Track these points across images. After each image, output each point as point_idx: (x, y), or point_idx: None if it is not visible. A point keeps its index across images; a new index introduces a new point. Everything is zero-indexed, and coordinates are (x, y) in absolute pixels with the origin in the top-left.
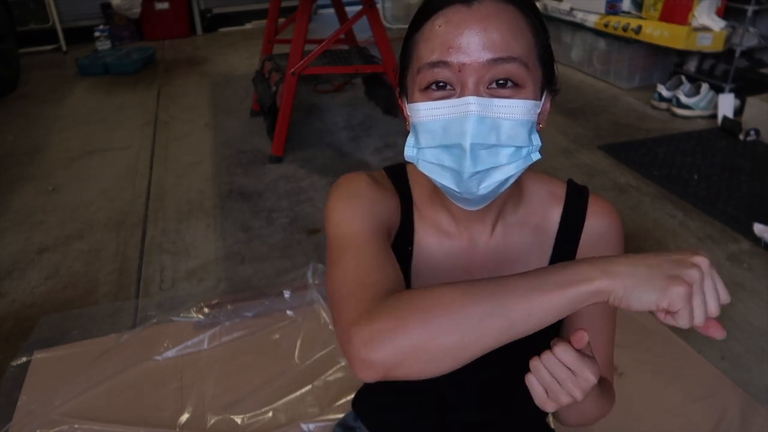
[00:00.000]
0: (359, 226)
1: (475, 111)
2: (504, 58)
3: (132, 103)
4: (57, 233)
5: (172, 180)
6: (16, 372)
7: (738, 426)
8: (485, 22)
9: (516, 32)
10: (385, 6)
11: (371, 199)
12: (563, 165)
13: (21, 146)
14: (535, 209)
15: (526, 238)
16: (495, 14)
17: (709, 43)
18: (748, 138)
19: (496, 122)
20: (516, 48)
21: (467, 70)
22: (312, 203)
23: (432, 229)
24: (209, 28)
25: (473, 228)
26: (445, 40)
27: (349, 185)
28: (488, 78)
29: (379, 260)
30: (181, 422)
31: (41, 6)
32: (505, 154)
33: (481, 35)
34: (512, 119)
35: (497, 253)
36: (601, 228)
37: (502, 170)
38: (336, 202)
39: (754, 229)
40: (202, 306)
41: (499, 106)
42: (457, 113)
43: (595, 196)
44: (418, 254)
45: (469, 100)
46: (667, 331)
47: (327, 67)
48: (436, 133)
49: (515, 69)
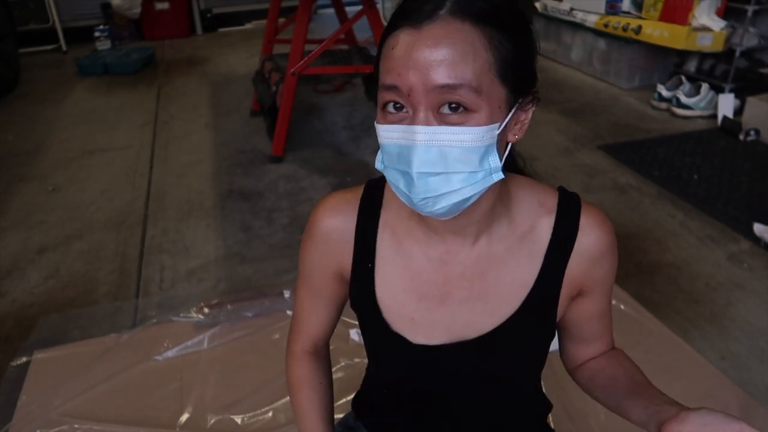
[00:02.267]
0: (307, 271)
1: (421, 141)
2: (450, 84)
3: (132, 103)
4: (57, 233)
5: (172, 180)
6: (16, 372)
7: None
8: (434, 47)
9: (467, 54)
10: (385, 6)
11: (320, 243)
12: (563, 165)
13: (21, 146)
14: (524, 219)
15: (512, 250)
16: (444, 37)
17: (709, 43)
18: (748, 138)
19: (443, 150)
20: (466, 72)
21: (415, 96)
22: (312, 203)
23: (406, 241)
24: (209, 28)
25: (452, 238)
26: (395, 64)
27: (312, 221)
28: (437, 103)
29: (305, 311)
30: (181, 422)
31: (41, 6)
32: (457, 180)
33: (428, 59)
34: (461, 147)
35: (480, 263)
36: (594, 242)
37: (456, 194)
38: (304, 234)
39: (754, 229)
40: (202, 306)
41: (446, 133)
42: (406, 140)
43: (587, 206)
44: (384, 267)
45: (416, 129)
46: (667, 331)
47: (327, 67)
48: (392, 156)
49: (464, 95)
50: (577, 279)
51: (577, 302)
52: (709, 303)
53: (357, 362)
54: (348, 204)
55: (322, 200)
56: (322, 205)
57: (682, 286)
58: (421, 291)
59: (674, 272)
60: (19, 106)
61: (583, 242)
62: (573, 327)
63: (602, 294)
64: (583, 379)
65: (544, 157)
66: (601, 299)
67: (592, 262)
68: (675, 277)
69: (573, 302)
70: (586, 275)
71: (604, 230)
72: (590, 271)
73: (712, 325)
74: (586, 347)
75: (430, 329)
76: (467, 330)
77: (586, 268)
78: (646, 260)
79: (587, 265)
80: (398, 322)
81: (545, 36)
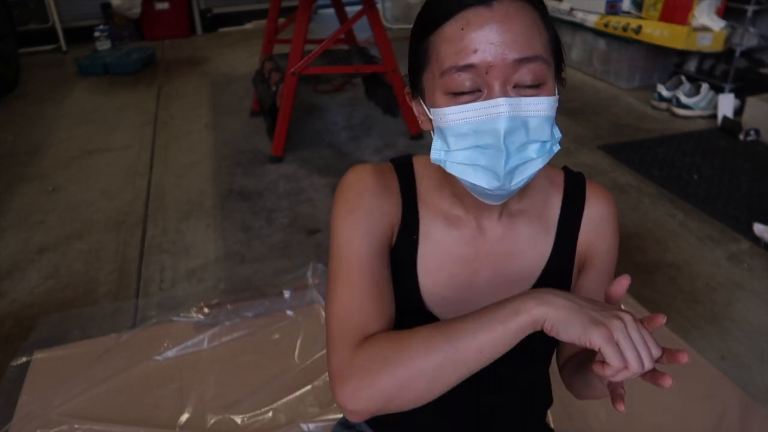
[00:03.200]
0: (357, 248)
1: (506, 112)
2: (528, 57)
3: (132, 103)
4: (57, 233)
5: (172, 180)
6: (16, 372)
7: (738, 426)
8: (507, 23)
9: (535, 30)
10: (385, 6)
11: (370, 211)
12: (563, 165)
13: (21, 146)
14: (538, 197)
15: (530, 225)
16: (515, 13)
17: (709, 43)
18: (748, 138)
19: (525, 120)
20: (537, 46)
21: (494, 72)
22: (312, 203)
23: (440, 219)
24: (209, 28)
25: (482, 216)
26: (470, 43)
27: (351, 192)
28: (514, 79)
29: (366, 298)
30: (181, 422)
31: (41, 6)
32: (534, 150)
33: (504, 36)
34: (539, 116)
35: (504, 241)
36: (600, 212)
37: (531, 164)
38: (338, 214)
39: (754, 229)
40: (202, 306)
41: (527, 104)
42: (487, 115)
43: (591, 182)
44: (424, 242)
45: (498, 101)
46: (667, 331)
47: (327, 67)
48: (467, 136)
49: (538, 67)
50: (584, 248)
51: (579, 278)
52: (709, 303)
53: None
54: (386, 170)
55: (353, 168)
56: (356, 169)
57: (682, 286)
58: (453, 269)
59: (674, 272)
60: (19, 106)
61: (590, 213)
62: None
63: (601, 272)
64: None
65: None
66: (600, 278)
67: (597, 231)
68: (675, 277)
69: (576, 279)
70: (593, 245)
71: (608, 200)
72: (596, 241)
73: (712, 325)
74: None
75: (459, 307)
76: None
77: (592, 238)
78: (646, 260)
79: (593, 234)
80: (431, 300)
81: None
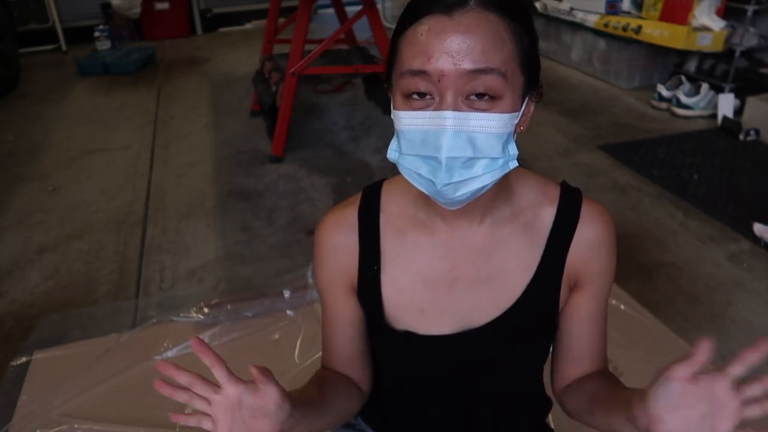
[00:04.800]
0: (325, 295)
1: (450, 125)
2: (482, 69)
3: (132, 103)
4: (57, 233)
5: (172, 180)
6: (16, 372)
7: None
8: (466, 33)
9: (497, 42)
10: (385, 6)
11: (328, 262)
12: (563, 165)
13: (21, 146)
14: (527, 206)
15: (515, 235)
16: (476, 24)
17: (709, 43)
18: (748, 138)
19: (471, 136)
20: (495, 59)
21: (446, 81)
22: (312, 203)
23: (411, 235)
24: (209, 28)
25: (458, 224)
26: (425, 49)
27: (316, 250)
28: (467, 90)
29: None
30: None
31: (41, 6)
32: (480, 166)
33: (460, 46)
34: (487, 133)
35: (485, 246)
36: (595, 233)
37: (476, 180)
38: (312, 259)
39: (754, 229)
40: (202, 306)
41: (475, 120)
42: (433, 125)
43: (589, 199)
44: (391, 266)
45: (445, 114)
46: (667, 331)
47: (327, 67)
48: (414, 143)
49: (493, 81)
50: (576, 267)
51: (572, 298)
52: (709, 303)
53: None
54: (346, 217)
55: (322, 220)
56: (322, 225)
57: (682, 286)
58: (429, 280)
59: (674, 272)
60: (19, 106)
61: (584, 232)
62: (564, 334)
63: (597, 294)
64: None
65: (544, 157)
66: (595, 299)
67: (590, 252)
68: (675, 277)
69: (569, 298)
70: (585, 265)
71: (605, 222)
72: (588, 262)
73: (712, 325)
74: (576, 365)
75: (439, 318)
76: (474, 316)
77: (585, 258)
78: (646, 260)
79: (586, 254)
80: (407, 317)
81: (545, 36)
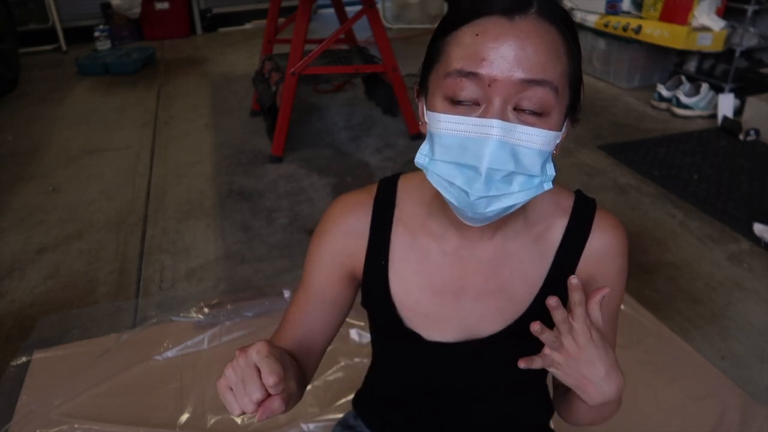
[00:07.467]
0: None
1: (496, 135)
2: (537, 80)
3: (132, 103)
4: (57, 233)
5: (172, 180)
6: (16, 372)
7: (738, 426)
8: (525, 40)
9: (553, 55)
10: (385, 6)
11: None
12: (563, 165)
13: (21, 146)
14: (539, 219)
15: (526, 248)
16: (535, 33)
17: (709, 43)
18: (748, 138)
19: (515, 149)
20: (550, 71)
21: (496, 86)
22: (312, 203)
23: (423, 238)
24: (209, 28)
25: (470, 234)
26: (480, 51)
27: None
28: (515, 100)
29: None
30: (181, 422)
31: (41, 6)
32: (518, 182)
33: (517, 52)
34: (531, 148)
35: (495, 259)
36: (606, 245)
37: (511, 197)
38: (313, 237)
39: (754, 229)
40: (202, 306)
41: (521, 133)
42: (477, 133)
43: (603, 211)
44: (399, 264)
45: (492, 122)
46: (667, 331)
47: (327, 67)
48: (452, 149)
49: (545, 94)
50: (585, 280)
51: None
52: (709, 303)
53: (357, 362)
54: (361, 203)
55: (337, 199)
56: (336, 203)
57: (682, 286)
58: (435, 286)
59: (674, 272)
60: (19, 106)
61: (594, 244)
62: None
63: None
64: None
65: None
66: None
67: (601, 264)
68: (675, 277)
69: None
70: (593, 277)
71: (617, 235)
72: (597, 274)
73: (712, 325)
74: None
75: (444, 325)
76: (480, 326)
77: (595, 271)
78: (646, 260)
79: (596, 267)
80: (412, 319)
81: None
